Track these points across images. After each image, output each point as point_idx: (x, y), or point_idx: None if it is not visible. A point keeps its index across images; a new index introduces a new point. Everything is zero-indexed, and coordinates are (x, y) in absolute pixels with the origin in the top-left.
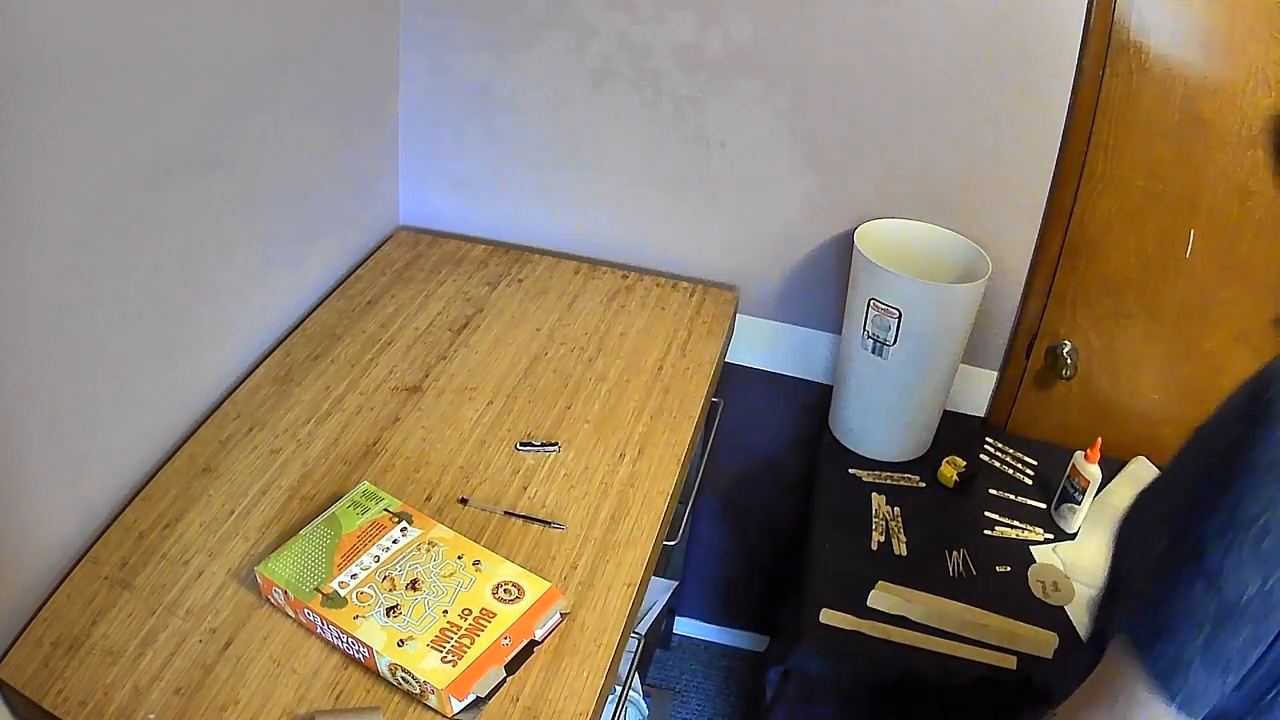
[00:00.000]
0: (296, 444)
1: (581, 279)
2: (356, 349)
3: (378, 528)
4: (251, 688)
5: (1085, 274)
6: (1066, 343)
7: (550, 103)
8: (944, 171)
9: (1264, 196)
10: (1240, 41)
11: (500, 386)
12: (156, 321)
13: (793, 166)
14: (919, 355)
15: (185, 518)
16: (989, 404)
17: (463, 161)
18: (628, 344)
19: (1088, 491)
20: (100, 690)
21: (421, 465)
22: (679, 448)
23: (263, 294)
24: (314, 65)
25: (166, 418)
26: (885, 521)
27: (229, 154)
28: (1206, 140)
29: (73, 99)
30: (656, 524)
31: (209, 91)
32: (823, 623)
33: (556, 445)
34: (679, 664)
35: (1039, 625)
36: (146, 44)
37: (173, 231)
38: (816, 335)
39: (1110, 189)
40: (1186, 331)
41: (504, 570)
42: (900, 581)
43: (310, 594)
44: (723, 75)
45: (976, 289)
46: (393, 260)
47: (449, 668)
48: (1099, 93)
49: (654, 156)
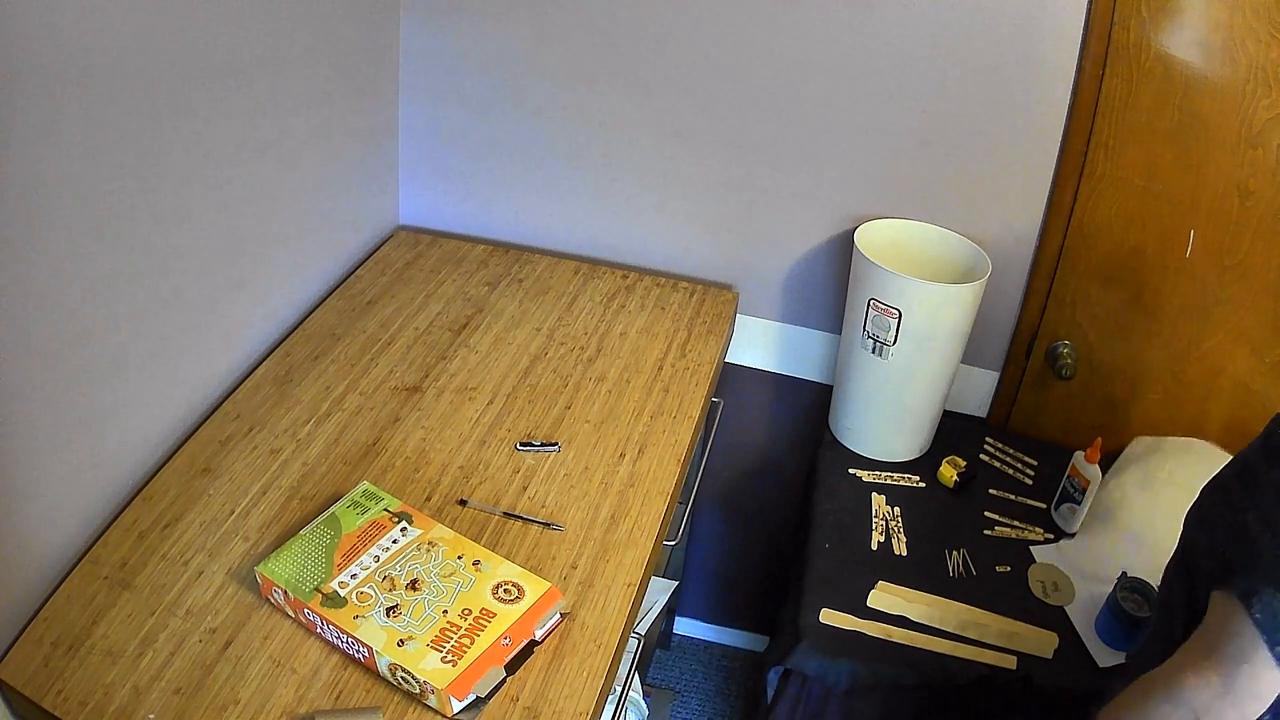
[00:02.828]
0: (296, 444)
1: (581, 279)
2: (356, 349)
3: (378, 528)
4: (251, 688)
5: (1085, 274)
6: (1066, 343)
7: (551, 102)
8: (944, 171)
9: (1264, 196)
10: (1240, 41)
11: (500, 386)
12: (157, 321)
13: (793, 166)
14: (919, 355)
15: (185, 518)
16: (989, 404)
17: (463, 162)
18: (628, 344)
19: (1088, 491)
20: (100, 690)
21: (421, 465)
22: (679, 448)
23: (263, 294)
24: (314, 65)
25: (166, 418)
26: (885, 521)
27: (229, 154)
28: (1206, 140)
29: (73, 99)
30: (656, 524)
31: (209, 91)
32: (823, 623)
33: (556, 445)
34: (679, 664)
35: (1039, 625)
36: (147, 44)
37: (173, 231)
38: (816, 335)
39: (1110, 189)
40: (1186, 331)
41: (504, 570)
42: (900, 581)
43: (310, 594)
44: (723, 75)
45: (976, 289)
46: (393, 260)
47: (449, 668)
48: (1099, 93)
49: (654, 156)
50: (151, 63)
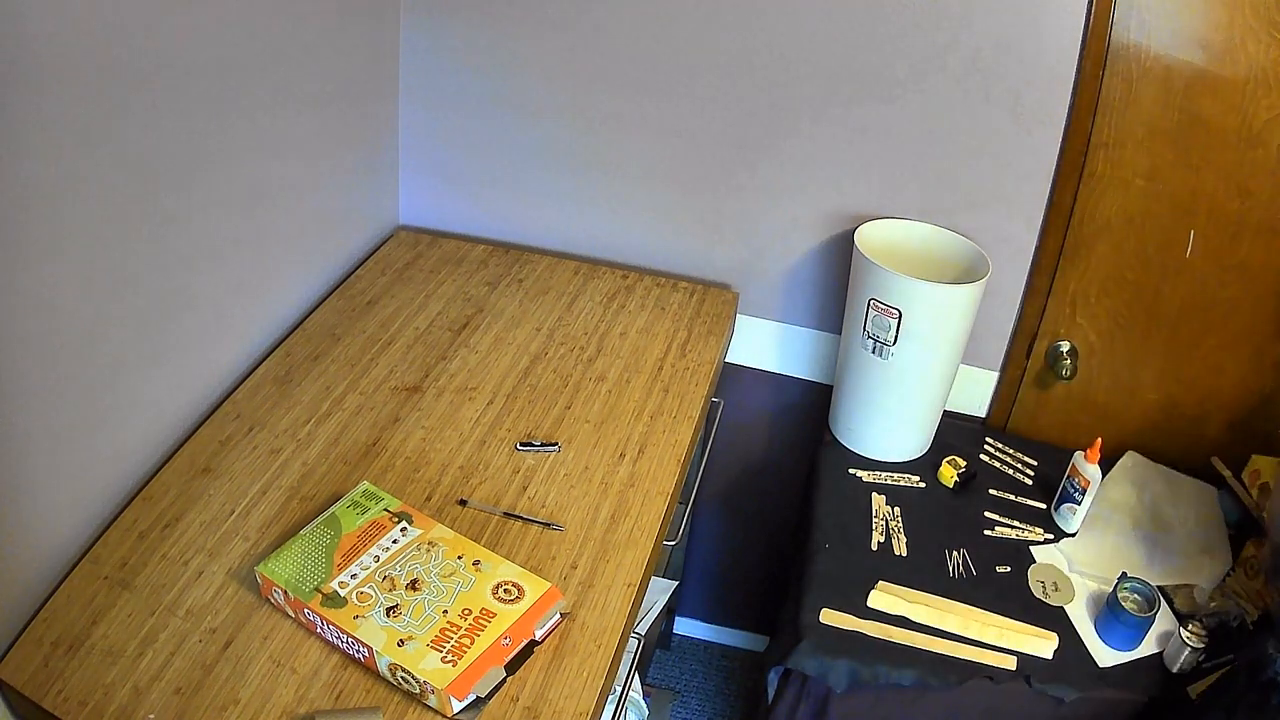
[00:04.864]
0: (296, 444)
1: (581, 279)
2: (356, 349)
3: (378, 528)
4: (251, 688)
5: (1085, 274)
6: (1066, 343)
7: (550, 103)
8: (944, 171)
9: (1264, 196)
10: (1240, 41)
11: (500, 386)
12: (157, 321)
13: (793, 166)
14: (919, 355)
15: (185, 518)
16: (989, 404)
17: (463, 161)
18: (628, 344)
19: (1088, 491)
20: (100, 690)
21: (421, 465)
22: (679, 448)
23: (263, 294)
24: (314, 65)
25: (166, 418)
26: (885, 521)
27: (229, 154)
28: (1206, 140)
29: (73, 100)
30: (656, 524)
31: (209, 91)
32: (823, 623)
33: (556, 445)
34: (679, 664)
35: (1039, 625)
36: (147, 44)
37: (173, 231)
38: (816, 335)
39: (1110, 189)
40: (1186, 331)
41: (504, 570)
42: (900, 581)
43: (310, 594)
44: (722, 75)
45: (976, 289)
46: (393, 260)
47: (449, 668)
48: (1099, 93)
49: (654, 156)
50: (152, 63)
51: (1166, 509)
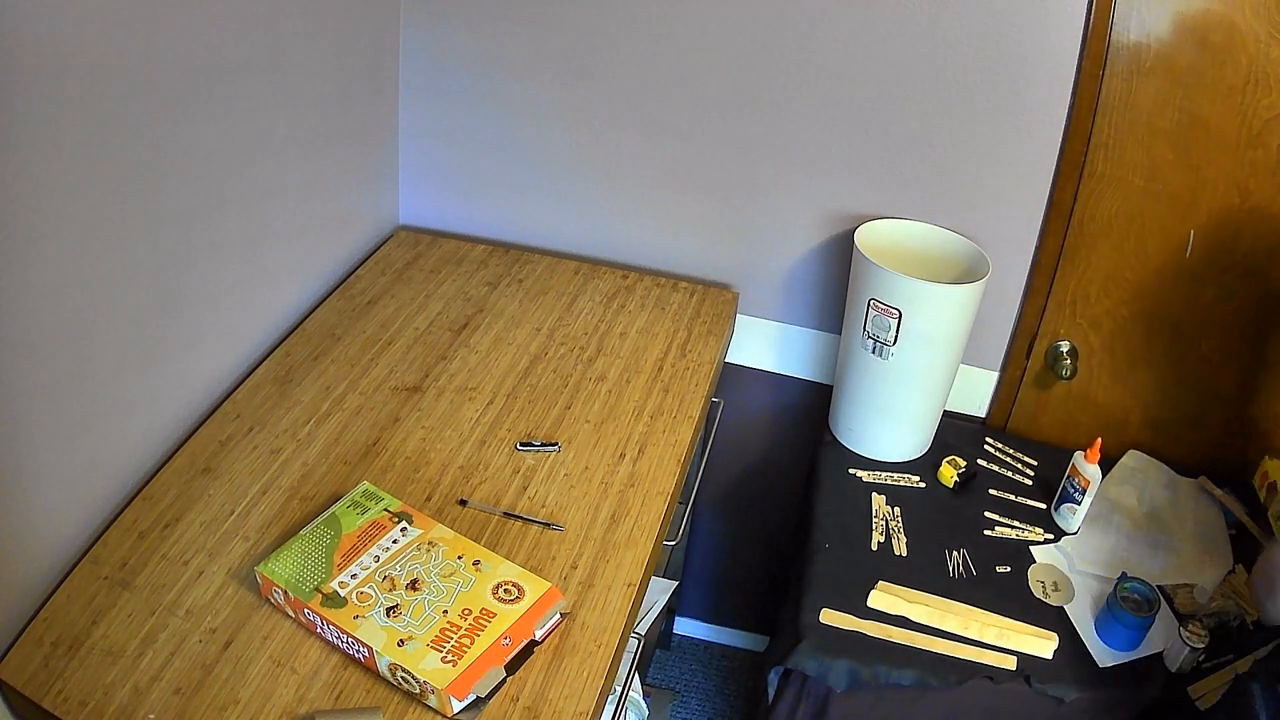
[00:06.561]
0: (296, 444)
1: (581, 279)
2: (356, 349)
3: (378, 528)
4: (251, 688)
5: (1085, 274)
6: (1066, 342)
7: (550, 103)
8: (944, 171)
9: (1264, 196)
10: (1240, 41)
11: (500, 386)
12: (157, 321)
13: (793, 166)
14: (919, 355)
15: (185, 518)
16: (989, 404)
17: (463, 161)
18: (628, 344)
19: (1088, 491)
20: (100, 690)
21: (421, 465)
22: (679, 448)
23: (263, 294)
24: (314, 65)
25: (166, 418)
26: (885, 521)
27: (229, 154)
28: (1206, 140)
29: (73, 100)
30: (656, 524)
31: (209, 91)
32: (823, 623)
33: (556, 445)
34: (679, 664)
35: (1039, 625)
36: (147, 44)
37: (173, 231)
38: (816, 335)
39: (1110, 189)
40: (1186, 332)
41: (504, 570)
42: (900, 581)
43: (310, 594)
44: (723, 75)
45: (976, 289)
46: (393, 260)
47: (449, 668)
48: (1099, 93)
49: (654, 156)
50: (151, 63)
51: (1166, 509)
